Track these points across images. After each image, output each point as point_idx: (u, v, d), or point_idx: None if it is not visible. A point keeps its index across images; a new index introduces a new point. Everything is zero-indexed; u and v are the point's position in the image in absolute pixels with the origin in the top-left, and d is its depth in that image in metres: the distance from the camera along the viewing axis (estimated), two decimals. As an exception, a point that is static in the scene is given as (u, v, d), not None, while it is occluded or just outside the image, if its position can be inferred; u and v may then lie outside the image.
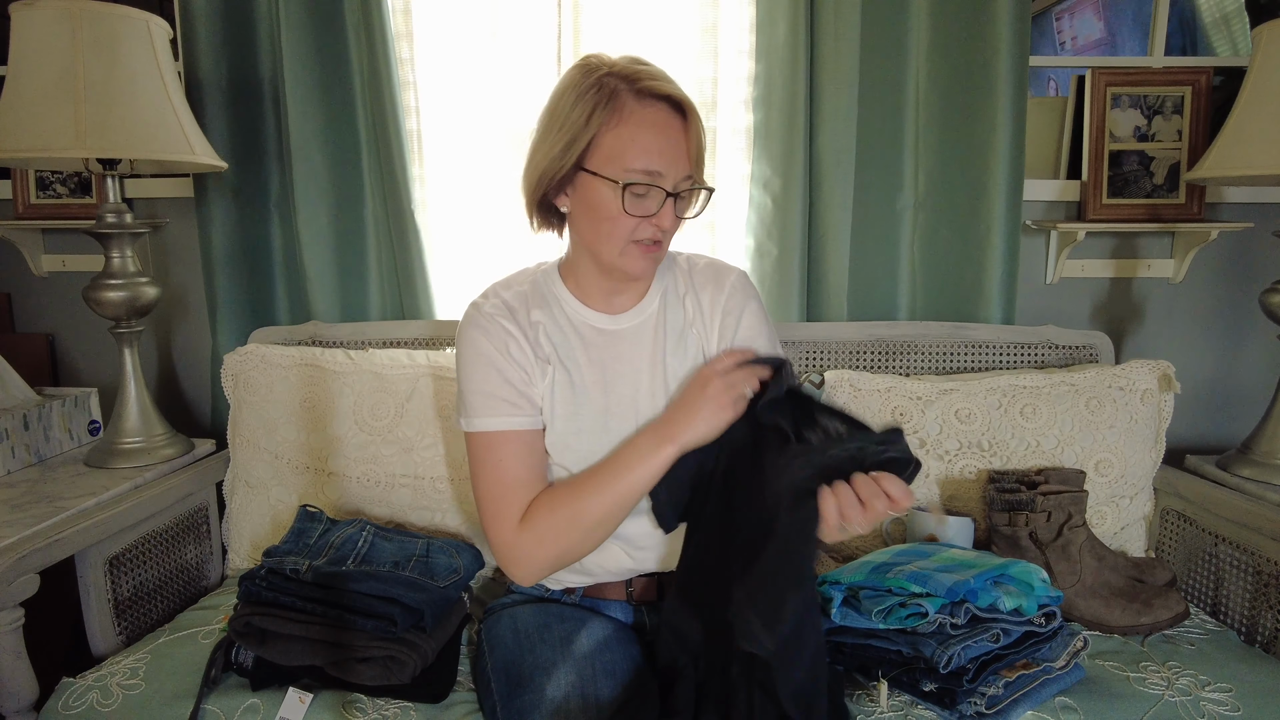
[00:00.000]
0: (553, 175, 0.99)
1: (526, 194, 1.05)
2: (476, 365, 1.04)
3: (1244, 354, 1.82)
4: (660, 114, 0.96)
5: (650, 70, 0.97)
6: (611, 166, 0.96)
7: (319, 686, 1.03)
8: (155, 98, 1.33)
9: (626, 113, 0.95)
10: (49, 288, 1.83)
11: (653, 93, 0.95)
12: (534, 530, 1.00)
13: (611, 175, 0.96)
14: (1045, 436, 1.38)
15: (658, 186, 0.96)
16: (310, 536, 1.20)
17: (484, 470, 1.04)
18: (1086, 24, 2.78)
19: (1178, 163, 1.70)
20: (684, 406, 1.00)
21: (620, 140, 0.95)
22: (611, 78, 0.95)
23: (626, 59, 0.98)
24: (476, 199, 1.72)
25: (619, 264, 1.01)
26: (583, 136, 0.95)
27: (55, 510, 1.23)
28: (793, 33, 1.54)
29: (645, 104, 0.95)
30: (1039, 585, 1.07)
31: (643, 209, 0.97)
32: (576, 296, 1.09)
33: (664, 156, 0.96)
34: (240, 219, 1.67)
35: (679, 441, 0.98)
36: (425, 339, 1.60)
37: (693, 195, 1.02)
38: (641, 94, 0.95)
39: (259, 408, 1.44)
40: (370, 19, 1.56)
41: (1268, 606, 1.21)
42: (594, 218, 0.99)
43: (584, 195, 0.99)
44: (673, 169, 0.97)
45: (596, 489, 1.00)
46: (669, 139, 0.96)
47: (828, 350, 1.58)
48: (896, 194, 1.64)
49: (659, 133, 0.96)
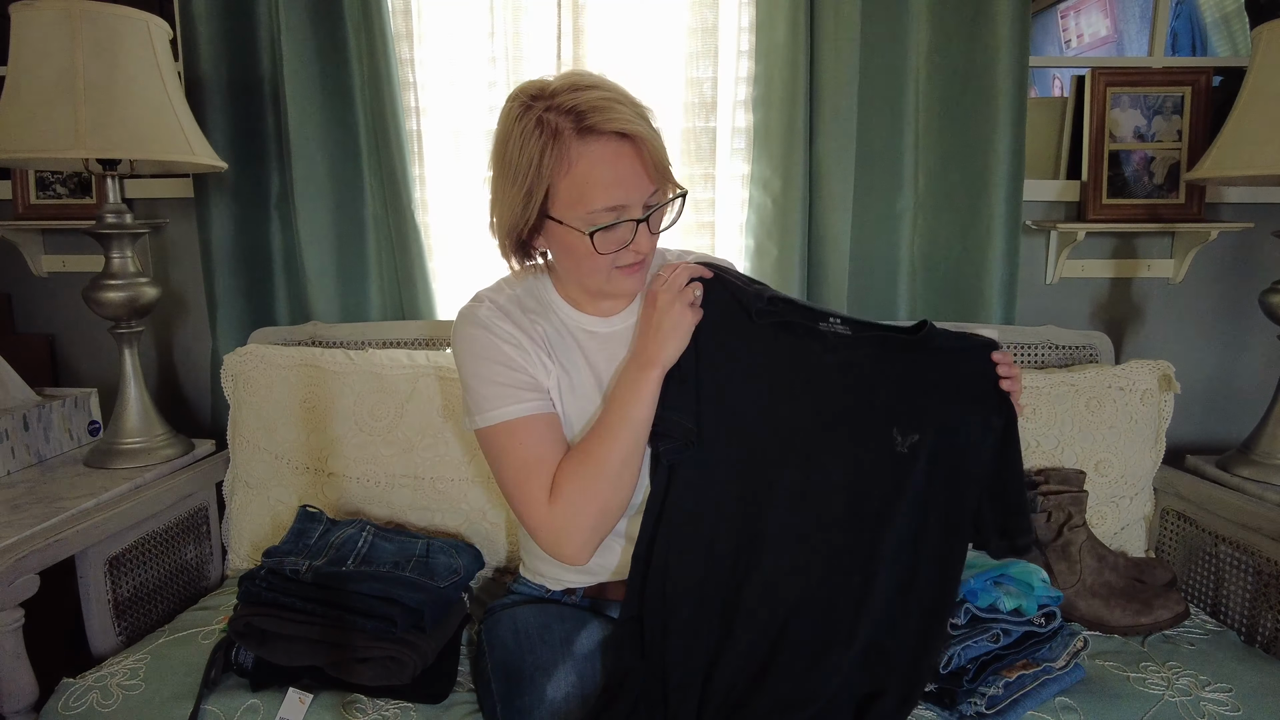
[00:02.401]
0: (521, 227, 0.98)
1: (500, 243, 1.04)
2: (480, 360, 1.03)
3: (1244, 354, 1.82)
4: (608, 147, 0.93)
5: (590, 99, 0.92)
6: (573, 213, 0.95)
7: (319, 687, 1.03)
8: (155, 98, 1.33)
9: (574, 155, 0.92)
10: (49, 288, 1.83)
11: (597, 130, 0.92)
12: (564, 499, 0.98)
13: (576, 224, 0.95)
14: (1045, 436, 1.38)
15: (625, 219, 0.95)
16: (310, 537, 1.20)
17: (505, 460, 1.02)
18: (1093, 21, 2.77)
19: (1178, 163, 1.70)
20: (648, 331, 1.01)
21: (575, 185, 0.93)
22: (551, 114, 0.92)
23: (565, 83, 0.94)
24: (477, 199, 1.72)
25: (608, 290, 1.03)
26: (538, 187, 0.94)
27: (55, 511, 1.23)
28: (793, 33, 1.54)
29: (590, 142, 0.92)
30: (1039, 585, 1.07)
31: (616, 242, 0.97)
32: (569, 302, 1.09)
33: (623, 188, 0.94)
34: (240, 219, 1.67)
35: (658, 362, 0.99)
36: (425, 339, 1.60)
37: (666, 207, 1.01)
38: (584, 133, 0.92)
39: (259, 408, 1.44)
40: (370, 19, 1.56)
41: (1268, 606, 1.21)
42: (572, 259, 1.00)
43: (557, 240, 0.99)
44: (635, 195, 0.95)
45: (605, 436, 1.00)
46: (623, 169, 0.94)
47: (828, 350, 1.58)
48: (896, 194, 1.64)
49: (611, 167, 0.93)
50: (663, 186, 0.99)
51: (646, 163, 0.94)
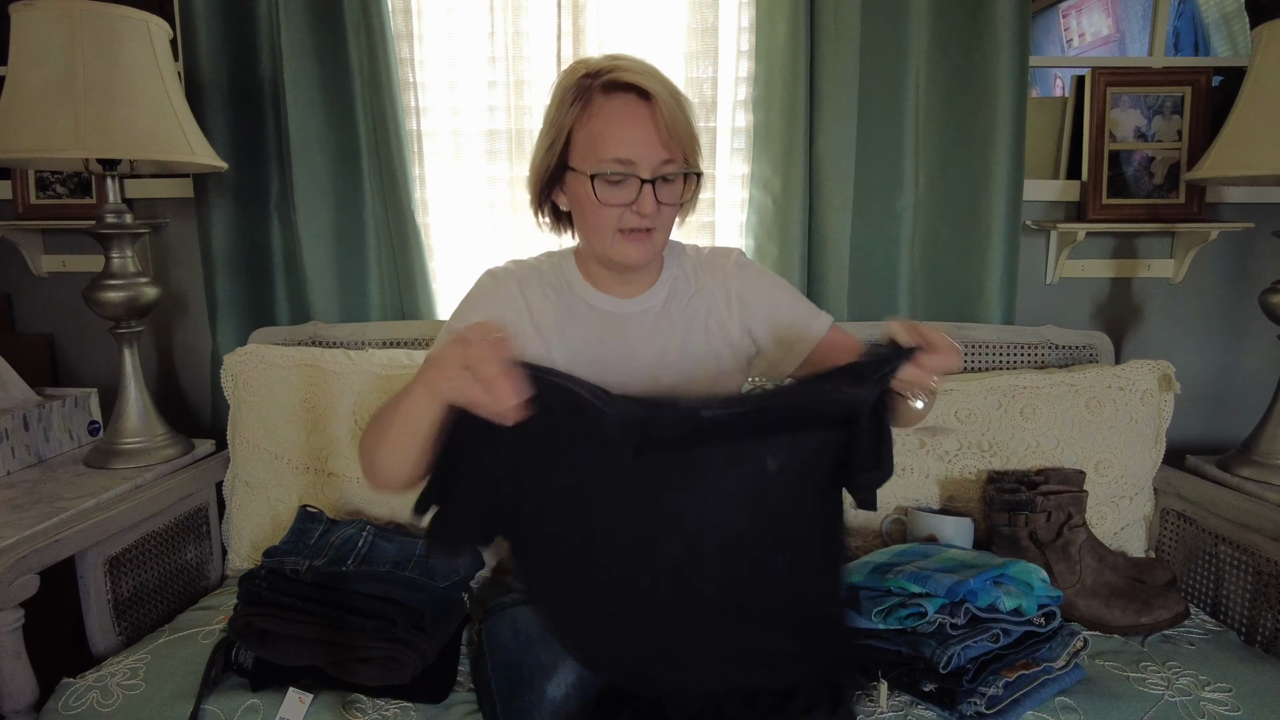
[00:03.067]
0: (543, 174, 1.04)
1: (530, 193, 1.09)
2: (472, 303, 1.10)
3: (1244, 354, 1.82)
4: (625, 104, 0.98)
5: (621, 63, 0.99)
6: (586, 161, 0.99)
7: (319, 687, 1.03)
8: (155, 98, 1.33)
9: (595, 107, 0.98)
10: (49, 288, 1.83)
11: (616, 84, 0.98)
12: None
13: (584, 169, 0.99)
14: (1045, 437, 1.38)
15: (632, 175, 0.98)
16: (310, 537, 1.20)
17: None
18: (1095, 20, 2.76)
19: (1178, 163, 1.70)
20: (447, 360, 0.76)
21: (590, 134, 0.98)
22: (587, 77, 0.99)
23: (606, 56, 1.02)
24: (476, 199, 1.72)
25: (611, 254, 1.03)
26: (560, 135, 1.00)
27: (55, 511, 1.23)
28: (793, 33, 1.54)
29: (611, 96, 0.98)
30: (1038, 585, 1.07)
31: (619, 198, 0.99)
32: (587, 279, 1.11)
33: (633, 144, 0.98)
34: (240, 219, 1.67)
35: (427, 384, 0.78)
36: (425, 339, 1.60)
37: (680, 181, 1.03)
38: (607, 87, 0.98)
39: (259, 408, 1.44)
40: (370, 19, 1.56)
41: (1268, 606, 1.21)
42: (580, 211, 1.04)
43: (572, 192, 1.04)
44: (645, 155, 0.98)
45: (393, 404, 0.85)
46: (636, 126, 0.98)
47: (828, 350, 1.58)
48: (896, 194, 1.64)
49: (624, 122, 0.98)
50: (678, 159, 1.01)
51: (660, 126, 0.98)
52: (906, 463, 1.39)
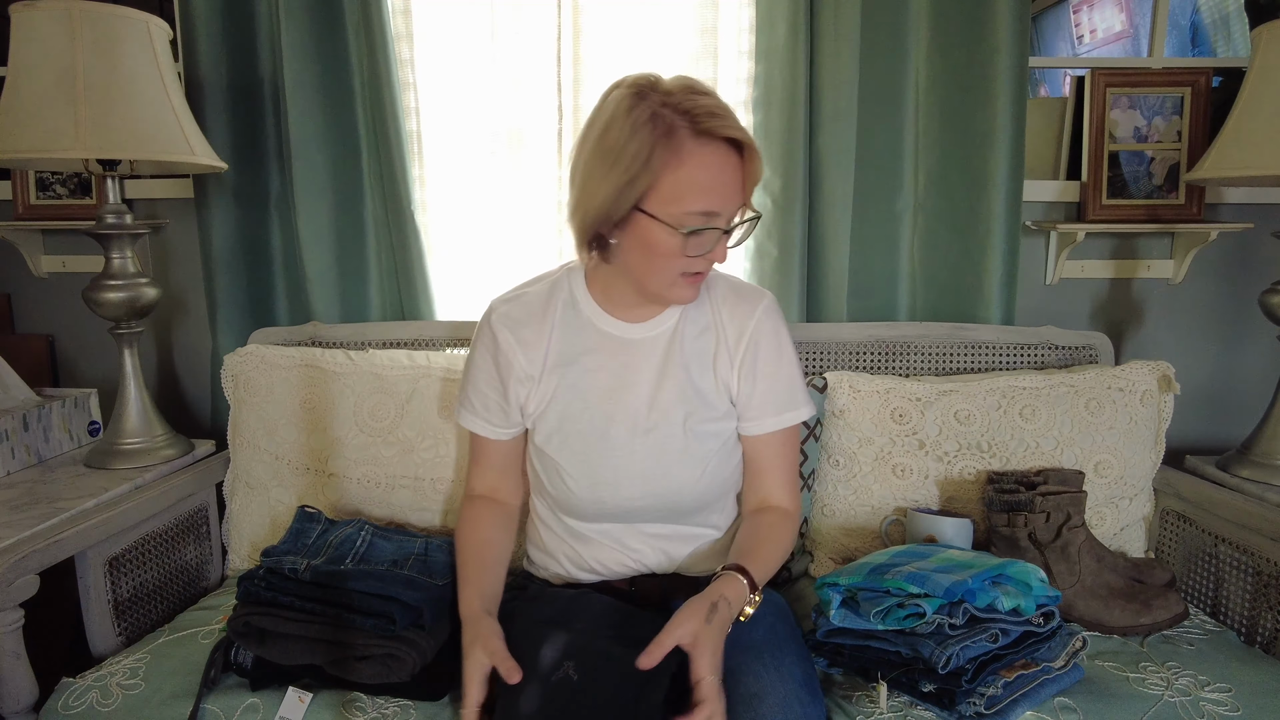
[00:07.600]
0: (609, 215, 0.96)
1: (579, 231, 1.01)
2: (473, 360, 1.14)
3: (1244, 354, 1.82)
4: (719, 154, 0.93)
5: (708, 104, 0.92)
6: (670, 210, 0.94)
7: (318, 686, 1.03)
8: (155, 98, 1.33)
9: (685, 153, 0.92)
10: (49, 288, 1.84)
11: (713, 134, 0.92)
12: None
13: (670, 220, 0.94)
14: (1045, 437, 1.38)
15: (713, 227, 0.96)
16: (309, 536, 1.20)
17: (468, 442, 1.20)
18: (1107, 16, 2.73)
19: (1177, 163, 1.70)
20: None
21: (679, 184, 0.93)
22: (668, 110, 0.92)
23: (680, 85, 0.94)
24: (476, 199, 1.72)
25: (666, 295, 1.02)
26: (643, 178, 0.92)
27: (55, 511, 1.23)
28: (793, 33, 1.54)
29: (704, 144, 0.92)
30: (1037, 585, 1.07)
31: (699, 248, 0.97)
32: (598, 302, 1.09)
33: (722, 196, 0.95)
34: (240, 219, 1.67)
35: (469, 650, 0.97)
36: (425, 339, 1.60)
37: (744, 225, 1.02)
38: (701, 135, 0.92)
39: (259, 408, 1.44)
40: (370, 19, 1.56)
41: (1267, 607, 1.21)
42: (647, 255, 0.98)
43: (639, 233, 0.97)
44: (729, 206, 0.97)
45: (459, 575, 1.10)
46: (727, 178, 0.95)
47: (827, 351, 1.58)
48: (896, 194, 1.64)
49: (718, 174, 0.94)
50: (748, 204, 1.00)
51: (747, 177, 0.96)
52: (906, 464, 1.39)
